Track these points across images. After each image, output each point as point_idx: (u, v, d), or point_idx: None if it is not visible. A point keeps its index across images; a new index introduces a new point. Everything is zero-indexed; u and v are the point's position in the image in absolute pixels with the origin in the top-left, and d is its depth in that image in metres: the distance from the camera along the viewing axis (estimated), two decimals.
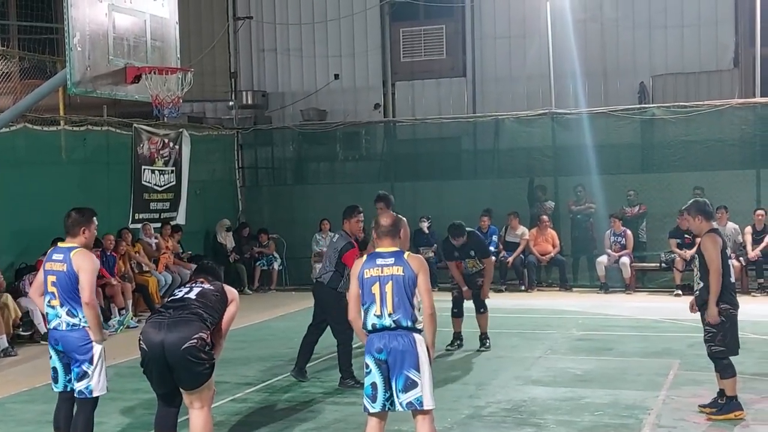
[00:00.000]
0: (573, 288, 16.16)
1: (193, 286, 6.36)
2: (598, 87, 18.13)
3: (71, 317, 6.38)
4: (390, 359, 5.73)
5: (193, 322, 5.97)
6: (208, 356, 5.98)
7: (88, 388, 6.35)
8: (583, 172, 16.34)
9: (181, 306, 6.10)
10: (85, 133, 14.36)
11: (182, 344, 5.85)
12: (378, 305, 5.84)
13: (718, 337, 7.23)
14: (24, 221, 12.85)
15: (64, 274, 6.41)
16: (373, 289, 5.86)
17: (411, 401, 5.72)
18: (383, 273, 5.88)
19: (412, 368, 5.71)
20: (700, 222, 7.41)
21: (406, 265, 5.89)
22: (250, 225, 17.98)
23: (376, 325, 5.83)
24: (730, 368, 7.29)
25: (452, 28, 19.26)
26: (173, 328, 5.92)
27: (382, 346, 5.75)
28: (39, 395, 8.78)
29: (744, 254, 14.87)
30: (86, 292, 6.34)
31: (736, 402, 7.31)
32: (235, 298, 6.38)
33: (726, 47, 17.74)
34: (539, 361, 9.96)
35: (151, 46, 10.19)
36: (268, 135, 19.13)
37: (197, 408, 6.09)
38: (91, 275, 6.41)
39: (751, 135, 15.87)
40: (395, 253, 5.96)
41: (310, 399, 8.44)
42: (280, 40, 20.11)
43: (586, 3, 17.87)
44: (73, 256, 6.40)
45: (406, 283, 5.85)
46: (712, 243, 7.24)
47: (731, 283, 7.37)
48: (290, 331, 12.38)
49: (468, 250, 10.43)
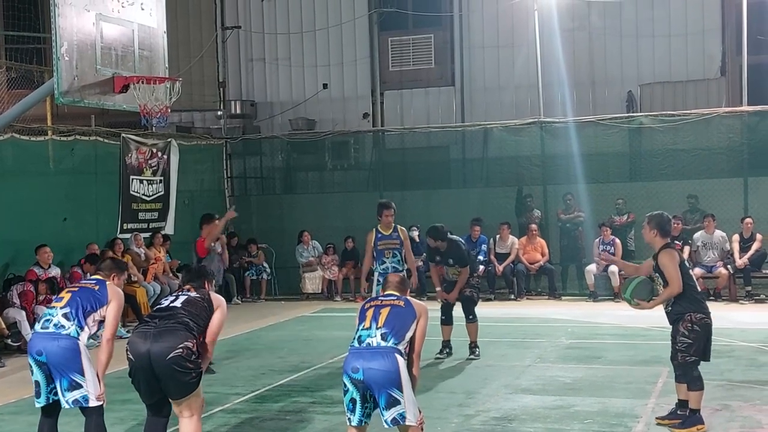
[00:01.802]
0: (562, 296, 16.18)
1: (180, 294, 6.33)
2: (587, 96, 18.22)
3: (66, 320, 6.24)
4: (366, 379, 5.74)
5: (179, 331, 5.94)
6: (194, 365, 5.95)
7: (85, 397, 6.25)
8: (571, 180, 16.39)
9: (167, 315, 6.06)
10: (73, 143, 14.31)
11: (168, 354, 5.82)
12: (368, 321, 5.93)
13: (693, 348, 7.10)
14: (12, 231, 12.79)
15: (92, 290, 6.44)
16: (368, 312, 6.02)
17: (395, 417, 5.78)
18: (383, 303, 6.07)
19: (394, 387, 5.75)
20: (654, 236, 7.27)
21: (408, 303, 6.08)
22: (239, 235, 17.95)
23: (361, 339, 5.88)
24: (700, 380, 7.17)
25: (441, 38, 19.32)
26: (159, 337, 5.88)
27: (359, 365, 5.76)
28: (26, 406, 8.70)
29: (732, 262, 14.92)
30: (111, 328, 6.39)
31: (699, 416, 7.18)
32: (221, 305, 6.34)
33: (713, 56, 17.86)
34: (528, 369, 9.96)
35: (139, 56, 10.19)
36: (256, 144, 19.12)
37: (187, 417, 6.06)
38: (119, 312, 6.52)
39: (739, 143, 15.96)
40: (400, 296, 6.18)
41: (299, 409, 8.42)
42: (268, 49, 20.12)
43: (574, 12, 17.95)
44: (109, 285, 6.53)
45: (405, 314, 5.98)
46: (669, 259, 7.11)
47: (699, 292, 7.30)
48: (280, 341, 12.37)
49: (447, 257, 10.49)
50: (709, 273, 15.00)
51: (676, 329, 7.19)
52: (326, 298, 17.10)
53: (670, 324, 7.29)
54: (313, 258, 17.23)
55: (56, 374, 6.23)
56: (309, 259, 17.22)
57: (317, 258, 17.24)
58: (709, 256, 15.09)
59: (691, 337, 7.11)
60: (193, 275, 6.61)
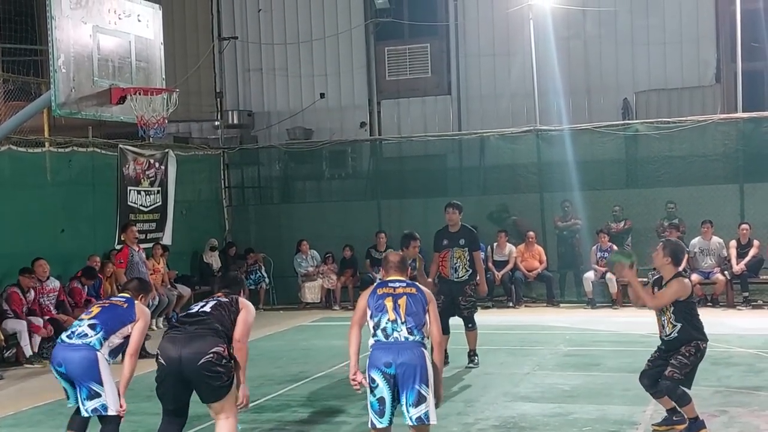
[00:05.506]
0: (560, 304, 16.19)
1: (209, 300, 6.36)
2: (582, 103, 18.27)
3: (91, 330, 6.41)
4: (399, 373, 5.68)
5: (209, 336, 5.98)
6: (225, 369, 5.99)
7: (104, 406, 6.34)
8: (568, 188, 16.41)
9: (196, 321, 6.10)
10: (70, 154, 14.30)
11: (199, 359, 5.86)
12: (390, 312, 5.85)
13: (686, 369, 7.07)
14: (9, 244, 12.77)
15: (122, 308, 6.60)
16: (385, 301, 5.92)
17: (420, 416, 5.71)
18: (396, 291, 6.00)
19: (423, 383, 5.70)
20: (668, 263, 7.15)
21: (419, 289, 6.06)
22: (237, 245, 17.96)
23: (387, 332, 5.79)
24: (686, 395, 7.11)
25: (437, 47, 19.38)
26: (189, 342, 5.93)
27: (391, 360, 5.70)
28: (25, 419, 8.72)
29: (729, 268, 14.94)
30: (135, 343, 6.50)
31: (701, 420, 7.17)
32: (246, 306, 6.35)
33: (708, 63, 17.93)
34: (527, 377, 9.96)
35: (136, 67, 10.22)
36: (254, 154, 19.14)
37: (223, 418, 6.11)
38: (144, 330, 6.66)
39: (734, 150, 16.00)
40: (405, 280, 6.14)
41: (299, 419, 8.41)
42: (265, 59, 20.16)
43: (569, 21, 18.02)
44: (137, 305, 6.68)
45: (420, 301, 5.94)
46: (680, 287, 7.04)
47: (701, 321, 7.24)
48: (278, 351, 12.34)
49: (458, 239, 10.34)
50: (707, 279, 15.03)
51: (677, 349, 7.12)
52: (325, 307, 17.10)
53: (668, 351, 7.18)
54: (312, 268, 17.23)
55: (77, 383, 6.38)
56: (308, 270, 17.21)
57: (316, 268, 17.24)
58: (707, 262, 15.12)
59: (690, 360, 7.09)
60: (229, 282, 6.62)
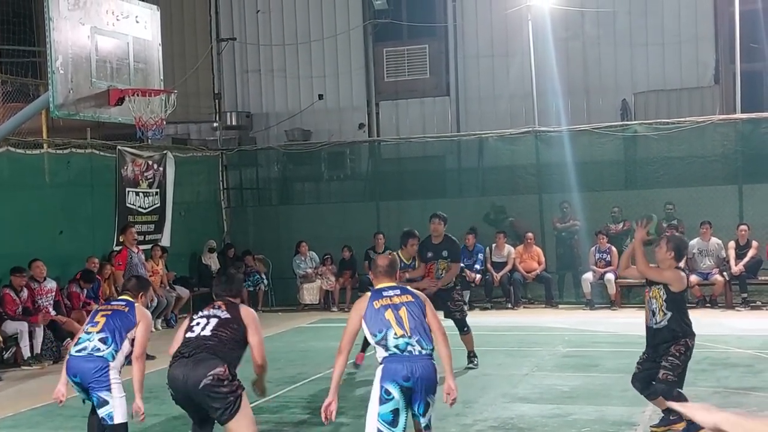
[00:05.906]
0: (559, 305, 16.18)
1: (210, 316, 6.27)
2: (581, 104, 18.28)
3: (103, 344, 6.45)
4: (416, 387, 5.74)
5: (209, 360, 5.97)
6: (228, 388, 5.96)
7: (110, 414, 6.39)
8: (566, 189, 16.41)
9: (198, 345, 6.07)
10: (68, 155, 14.31)
11: (199, 383, 5.87)
12: (396, 327, 5.82)
13: (679, 370, 7.03)
14: (7, 245, 12.77)
15: (124, 313, 6.62)
16: (386, 314, 5.87)
17: (427, 423, 5.85)
18: (393, 301, 5.95)
19: (432, 393, 5.81)
20: (670, 257, 7.11)
21: (415, 295, 6.04)
22: (236, 246, 17.95)
23: (400, 347, 5.78)
24: (682, 397, 7.01)
25: (435, 48, 19.39)
26: (194, 367, 5.94)
27: (410, 374, 5.72)
28: (23, 420, 8.71)
29: (727, 269, 14.95)
30: (140, 347, 6.54)
31: None
32: (251, 322, 6.33)
33: (706, 64, 17.95)
34: (526, 378, 9.96)
35: (134, 69, 10.22)
36: (252, 156, 19.14)
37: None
38: (148, 331, 6.69)
39: (733, 151, 16.01)
40: (397, 286, 6.10)
41: (297, 421, 8.41)
42: (263, 61, 20.17)
43: (568, 21, 18.03)
44: (137, 307, 6.72)
45: (417, 306, 5.94)
46: (675, 276, 7.04)
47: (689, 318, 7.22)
48: (277, 352, 12.30)
49: (441, 251, 10.49)
50: (705, 280, 15.03)
51: (667, 349, 7.04)
52: (323, 308, 17.09)
53: (656, 341, 7.10)
54: (310, 270, 17.22)
55: (90, 392, 6.45)
56: (306, 271, 17.20)
57: (314, 269, 17.23)
58: (705, 263, 15.12)
59: (681, 359, 7.04)
60: (229, 284, 6.55)
